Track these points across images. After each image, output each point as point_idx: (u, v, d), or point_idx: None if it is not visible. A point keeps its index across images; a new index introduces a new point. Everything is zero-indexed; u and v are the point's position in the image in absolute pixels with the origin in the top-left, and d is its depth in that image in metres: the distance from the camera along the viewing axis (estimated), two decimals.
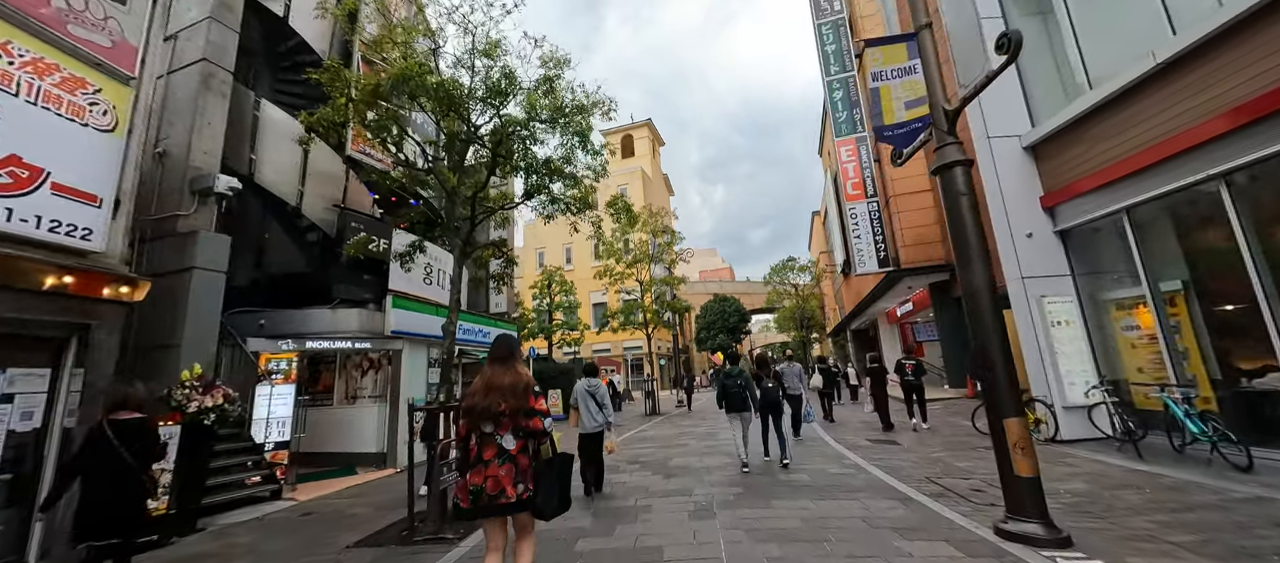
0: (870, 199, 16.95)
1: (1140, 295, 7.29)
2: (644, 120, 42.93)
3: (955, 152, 4.53)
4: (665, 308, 18.31)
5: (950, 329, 15.64)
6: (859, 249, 16.79)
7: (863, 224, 16.89)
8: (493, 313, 13.68)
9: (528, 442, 2.75)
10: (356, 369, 9.54)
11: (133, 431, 3.23)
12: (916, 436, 9.26)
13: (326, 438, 9.34)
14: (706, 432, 11.32)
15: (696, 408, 19.07)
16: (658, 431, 12.30)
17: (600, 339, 36.19)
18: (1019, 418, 4.09)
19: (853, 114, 17.71)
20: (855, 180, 17.31)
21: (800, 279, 28.91)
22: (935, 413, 11.91)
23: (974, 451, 7.55)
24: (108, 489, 3.08)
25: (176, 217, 6.12)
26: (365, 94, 6.05)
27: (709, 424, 12.70)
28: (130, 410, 3.30)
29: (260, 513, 5.93)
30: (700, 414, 16.34)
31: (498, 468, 2.64)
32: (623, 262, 18.50)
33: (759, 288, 53.58)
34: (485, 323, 12.29)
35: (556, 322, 19.94)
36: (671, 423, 13.86)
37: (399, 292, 9.25)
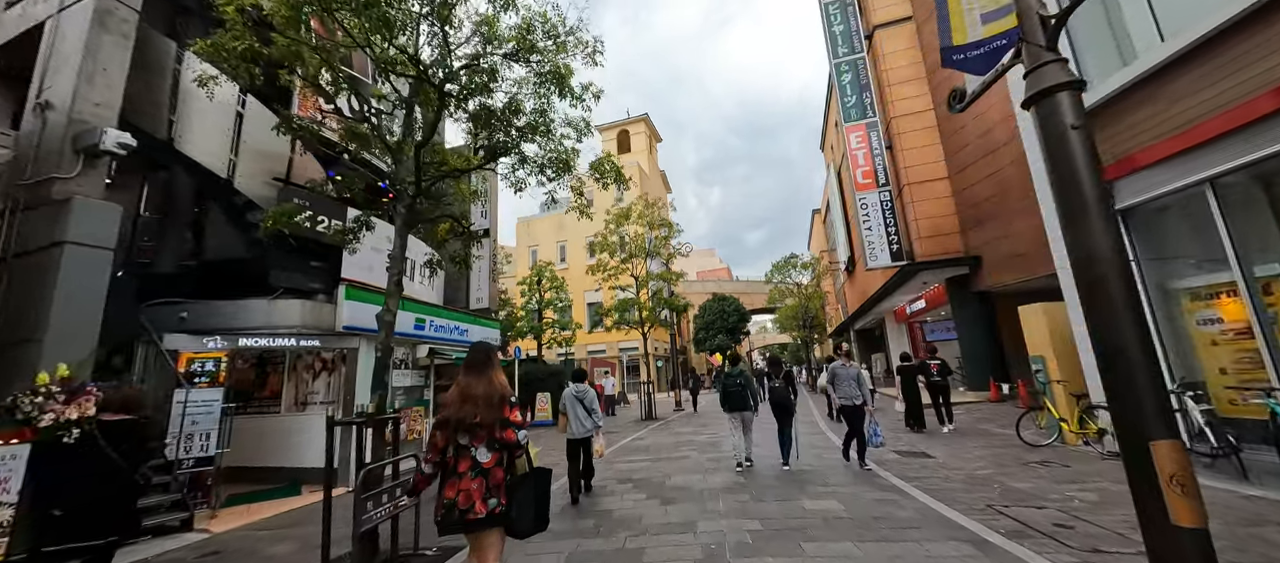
0: (882, 188, 15.82)
1: (1225, 283, 6.14)
2: (640, 115, 41.83)
3: (1058, 72, 3.33)
4: (662, 305, 17.11)
5: (970, 327, 14.51)
6: (870, 242, 15.65)
7: (874, 215, 15.75)
8: (474, 309, 12.45)
9: (503, 454, 2.66)
10: (308, 371, 8.31)
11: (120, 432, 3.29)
12: (949, 447, 8.09)
13: (271, 451, 8.10)
14: (709, 439, 10.11)
15: (701, 409, 17.97)
16: (655, 438, 11.10)
17: (595, 340, 35.00)
18: (1172, 442, 2.87)
19: (862, 98, 16.61)
20: (865, 168, 16.19)
21: (802, 277, 27.77)
22: (959, 419, 10.74)
23: (1026, 467, 6.39)
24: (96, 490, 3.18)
25: (53, 181, 4.89)
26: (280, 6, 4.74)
27: (713, 430, 11.49)
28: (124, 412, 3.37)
29: (150, 552, 4.70)
30: (704, 417, 15.24)
31: (470, 482, 2.57)
32: (617, 256, 17.31)
33: (758, 287, 52.46)
34: (464, 319, 11.07)
35: (547, 320, 18.69)
36: (669, 430, 12.64)
37: (354, 281, 8.03)
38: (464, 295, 12.68)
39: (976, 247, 14.00)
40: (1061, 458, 6.76)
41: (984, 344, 14.17)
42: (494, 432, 2.61)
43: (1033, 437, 7.62)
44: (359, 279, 8.19)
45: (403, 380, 9.06)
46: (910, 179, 15.27)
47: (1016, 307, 15.30)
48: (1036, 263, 11.92)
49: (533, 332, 17.97)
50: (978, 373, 14.09)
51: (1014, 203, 12.65)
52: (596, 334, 34.95)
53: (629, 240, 17.12)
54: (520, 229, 40.43)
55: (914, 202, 15.09)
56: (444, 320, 10.08)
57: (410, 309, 9.03)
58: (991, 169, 13.34)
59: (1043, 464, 6.47)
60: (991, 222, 13.47)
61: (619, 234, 17.08)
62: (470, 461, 2.59)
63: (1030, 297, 14.80)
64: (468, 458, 2.60)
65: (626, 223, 17.34)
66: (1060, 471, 6.14)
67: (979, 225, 13.90)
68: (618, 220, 16.91)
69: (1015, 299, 14.99)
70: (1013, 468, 6.42)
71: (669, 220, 17.73)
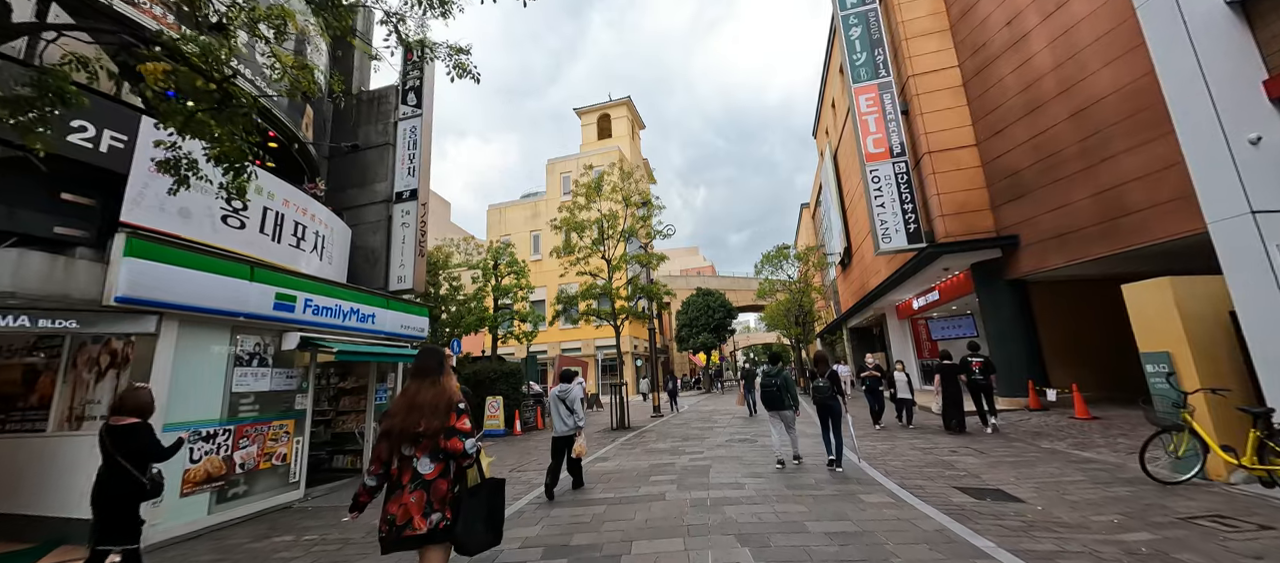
0: (896, 158, 13.49)
1: None
2: (622, 98, 39.24)
3: None
4: (639, 293, 14.49)
5: (1001, 322, 12.24)
6: (882, 221, 13.29)
7: (887, 190, 13.40)
8: (394, 290, 9.69)
9: (449, 465, 2.51)
10: (90, 368, 5.50)
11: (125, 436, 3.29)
12: (1035, 483, 5.65)
13: (27, 490, 5.27)
14: (694, 463, 7.54)
15: (686, 413, 15.33)
16: (621, 459, 8.48)
17: (569, 336, 32.24)
18: None
19: (874, 56, 14.28)
20: (877, 136, 13.84)
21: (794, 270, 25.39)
22: (1008, 433, 8.40)
23: (1187, 527, 3.97)
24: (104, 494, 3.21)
25: None
26: None
27: (698, 448, 8.93)
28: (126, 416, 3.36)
29: None
30: (687, 424, 12.75)
31: (409, 495, 2.41)
32: (586, 235, 14.65)
33: (744, 284, 50.24)
34: (371, 302, 8.31)
35: (503, 311, 15.91)
36: (642, 445, 10.03)
37: (145, 229, 5.24)
38: (382, 272, 9.90)
39: (1012, 225, 11.74)
40: (1229, 507, 4.40)
41: (1019, 342, 11.91)
42: (439, 441, 2.45)
43: (1165, 470, 5.24)
44: (159, 228, 5.39)
45: (255, 384, 6.29)
46: (931, 147, 12.96)
47: (1057, 297, 12.78)
48: (1097, 241, 9.66)
49: (485, 324, 15.18)
50: (1011, 376, 11.83)
51: (1069, 168, 10.39)
52: (570, 331, 32.22)
53: (602, 216, 14.48)
54: (491, 217, 37.49)
55: (935, 173, 12.79)
56: (333, 301, 7.32)
57: (267, 280, 6.28)
58: (1036, 130, 11.07)
59: (1215, 522, 4.08)
60: (1034, 194, 11.21)
61: (592, 207, 14.41)
62: (412, 472, 2.44)
63: (1080, 285, 12.28)
64: (409, 470, 2.44)
65: (598, 198, 14.70)
66: (1246, 532, 3.79)
67: (1016, 199, 11.64)
68: (587, 193, 14.27)
69: (1058, 289, 12.88)
70: (1165, 526, 4.01)
71: (648, 194, 15.10)
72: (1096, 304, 11.92)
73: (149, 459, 3.37)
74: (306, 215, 7.56)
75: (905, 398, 10.41)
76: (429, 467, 2.44)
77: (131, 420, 3.37)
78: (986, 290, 12.59)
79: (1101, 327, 11.72)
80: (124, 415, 3.36)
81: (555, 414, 6.13)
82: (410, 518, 2.36)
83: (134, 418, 3.38)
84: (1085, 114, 10.02)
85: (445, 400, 2.52)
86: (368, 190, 10.42)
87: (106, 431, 3.31)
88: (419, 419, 2.45)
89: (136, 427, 3.37)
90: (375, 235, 10.11)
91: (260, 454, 6.24)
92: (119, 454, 3.24)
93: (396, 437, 2.47)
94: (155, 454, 3.40)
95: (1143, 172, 8.92)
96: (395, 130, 10.54)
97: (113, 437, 3.28)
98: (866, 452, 7.84)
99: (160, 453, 3.41)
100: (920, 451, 7.76)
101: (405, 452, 2.47)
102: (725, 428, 12.06)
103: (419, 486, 2.41)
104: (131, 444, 3.30)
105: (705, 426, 12.98)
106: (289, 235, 7.17)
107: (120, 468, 3.23)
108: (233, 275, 5.87)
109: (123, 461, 3.23)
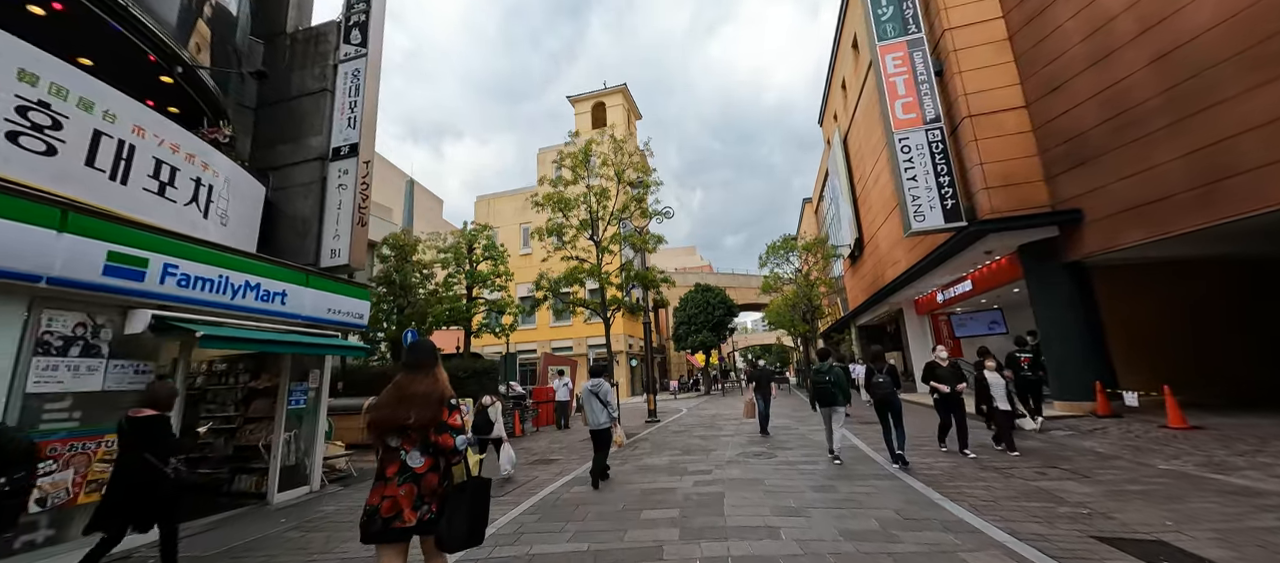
0: (930, 125, 11.68)
1: None
2: (618, 86, 37.48)
3: None
4: (633, 280, 12.61)
5: (1056, 313, 10.43)
6: (913, 198, 11.47)
7: (919, 161, 11.59)
8: (328, 266, 7.78)
9: (438, 460, 2.48)
10: None
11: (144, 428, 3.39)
12: (1238, 550, 3.80)
13: None
14: (707, 490, 5.65)
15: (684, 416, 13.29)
16: (598, 496, 6.58)
17: (560, 334, 30.34)
18: None
19: (902, 9, 12.49)
20: (907, 100, 12.04)
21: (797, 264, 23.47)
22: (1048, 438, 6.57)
23: None
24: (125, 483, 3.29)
25: None
26: None
27: (714, 461, 7.04)
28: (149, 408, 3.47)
29: None
30: (687, 432, 10.59)
31: (397, 487, 2.37)
32: (573, 214, 12.77)
33: (743, 281, 48.42)
34: (285, 277, 6.40)
35: (478, 301, 13.97)
36: (636, 462, 8.13)
37: None
38: (313, 245, 7.99)
39: (1073, 197, 9.94)
40: None
41: (1078, 337, 10.09)
42: (429, 435, 2.43)
43: None
44: None
45: (74, 381, 4.38)
46: (971, 110, 11.16)
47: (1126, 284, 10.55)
48: (1190, 211, 7.91)
49: (454, 316, 13.25)
50: (1070, 376, 10.03)
51: (1151, 124, 8.60)
52: (561, 328, 30.31)
53: (589, 190, 12.59)
54: (479, 208, 35.62)
55: (977, 140, 10.98)
56: (216, 270, 5.41)
57: (92, 232, 4.38)
58: (1106, 82, 9.28)
59: None
60: (1103, 159, 9.42)
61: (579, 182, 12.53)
62: (400, 465, 2.42)
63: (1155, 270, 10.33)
64: (397, 462, 2.42)
65: (585, 172, 12.83)
66: None
67: (1079, 167, 9.84)
68: (573, 162, 12.39)
69: (1126, 274, 10.70)
70: None
71: (644, 166, 13.22)
72: (1176, 291, 10.15)
73: (170, 451, 3.44)
74: (180, 154, 5.64)
75: (1002, 408, 7.14)
76: (419, 461, 2.41)
77: (151, 412, 3.46)
78: (1037, 277, 10.78)
79: (1182, 318, 9.94)
80: (146, 407, 3.46)
81: (589, 409, 6.49)
82: (399, 510, 2.33)
83: (153, 411, 3.47)
84: (1174, 57, 8.24)
85: (438, 394, 2.50)
86: (300, 146, 8.52)
87: (126, 422, 3.42)
88: (409, 411, 2.41)
89: (155, 419, 3.46)
90: (305, 200, 8.20)
91: (80, 483, 4.33)
92: (138, 445, 3.33)
93: (383, 427, 2.42)
94: (172, 445, 3.47)
95: (1262, 119, 7.13)
96: (334, 74, 8.65)
97: (133, 428, 3.38)
98: (925, 474, 5.99)
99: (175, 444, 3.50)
100: (997, 472, 5.91)
101: (391, 443, 2.43)
102: (732, 437, 10.19)
103: (409, 478, 2.38)
104: (149, 434, 3.38)
105: (708, 433, 11.11)
106: (146, 177, 5.24)
107: (141, 459, 3.30)
108: (27, 220, 3.96)
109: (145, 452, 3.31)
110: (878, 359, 7.29)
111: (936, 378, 7.12)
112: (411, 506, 2.33)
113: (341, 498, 6.63)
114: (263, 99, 8.90)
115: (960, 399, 7.04)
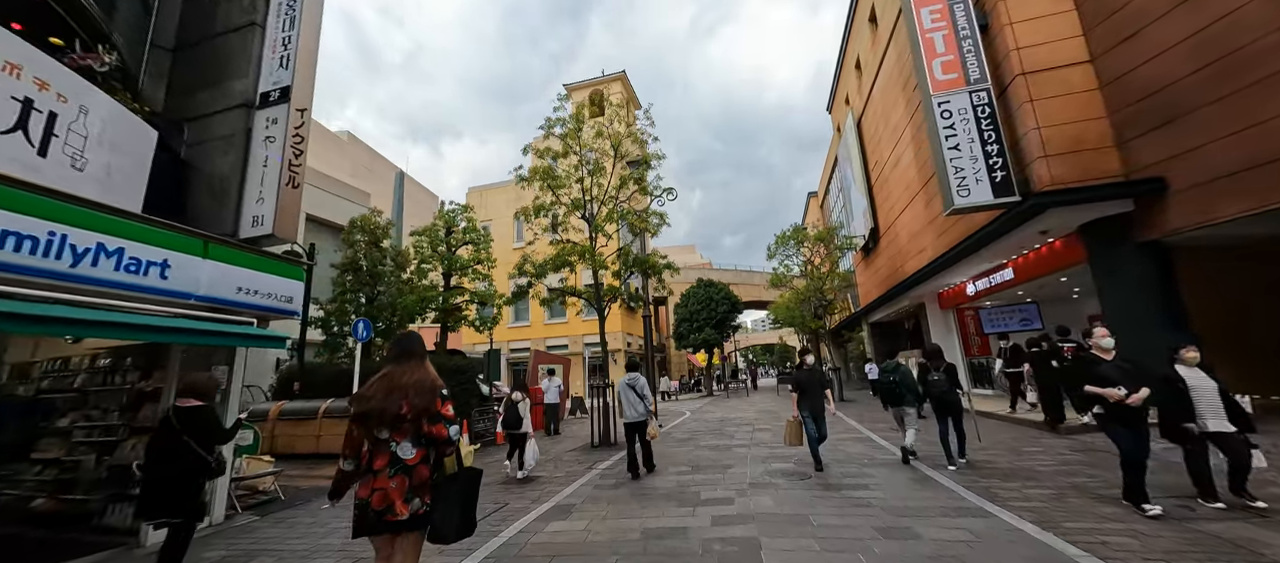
0: (974, 86, 10.12)
1: None
2: (617, 74, 35.85)
3: None
4: (631, 266, 11.02)
5: (1127, 301, 8.87)
6: (957, 169, 9.92)
7: (963, 127, 10.04)
8: (249, 237, 6.18)
9: (430, 451, 2.43)
10: None
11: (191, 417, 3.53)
12: None
13: None
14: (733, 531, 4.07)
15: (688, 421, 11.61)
16: (592, 523, 5.01)
17: (556, 331, 28.77)
18: None
19: None
20: (947, 58, 10.49)
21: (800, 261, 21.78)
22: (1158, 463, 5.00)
23: None
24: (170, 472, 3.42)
25: None
26: None
27: (735, 483, 5.47)
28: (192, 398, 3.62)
29: None
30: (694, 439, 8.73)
31: (388, 480, 2.31)
32: (562, 190, 11.21)
33: (746, 278, 46.84)
34: (167, 243, 4.82)
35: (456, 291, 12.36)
36: (634, 484, 6.55)
37: None
38: (232, 210, 6.39)
39: (1153, 164, 8.40)
40: None
41: (1155, 329, 8.52)
42: (421, 426, 2.38)
43: None
44: None
45: None
46: (1026, 67, 9.60)
47: (1217, 268, 8.96)
48: None
49: (430, 307, 11.64)
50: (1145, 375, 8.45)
51: (1260, 69, 7.05)
52: (557, 325, 28.73)
53: (582, 163, 11.02)
54: (471, 199, 33.98)
55: (1033, 102, 9.42)
56: (53, 227, 3.83)
57: None
58: (1201, 22, 7.74)
59: None
60: (1195, 116, 7.88)
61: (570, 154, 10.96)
62: (390, 456, 2.35)
63: (1259, 249, 8.43)
64: (387, 454, 2.35)
65: (577, 142, 11.26)
66: None
67: (1162, 127, 8.30)
68: (562, 128, 10.81)
69: (1218, 257, 8.83)
70: None
71: (639, 136, 11.63)
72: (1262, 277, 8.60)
73: (214, 440, 3.61)
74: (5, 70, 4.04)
75: (1219, 430, 4.24)
76: (411, 452, 2.37)
77: (196, 402, 3.63)
78: (1104, 260, 9.23)
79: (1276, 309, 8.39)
80: (189, 397, 3.63)
81: (625, 402, 6.73)
82: (390, 503, 2.28)
83: (198, 400, 3.64)
84: None
85: (430, 383, 2.46)
86: (221, 92, 6.93)
87: (173, 411, 3.57)
88: (402, 401, 2.37)
89: (202, 409, 3.63)
90: (226, 156, 6.61)
91: None
92: (186, 434, 3.48)
93: (373, 419, 2.37)
94: (219, 435, 3.65)
95: None
96: (266, 4, 7.06)
97: (179, 417, 3.53)
98: (1014, 502, 4.42)
99: (223, 434, 3.67)
100: (1127, 511, 4.32)
101: (380, 435, 2.37)
102: (747, 448, 8.63)
103: (400, 470, 2.34)
104: (197, 424, 3.54)
105: (720, 442, 9.54)
106: None
107: (186, 447, 3.46)
108: None
109: (190, 441, 3.47)
110: (934, 357, 6.86)
111: (1094, 379, 4.40)
112: (403, 498, 2.28)
113: (254, 534, 5.06)
114: (182, 39, 7.32)
115: (1141, 414, 4.34)
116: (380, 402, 2.36)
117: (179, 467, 3.41)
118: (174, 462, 3.41)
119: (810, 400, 6.44)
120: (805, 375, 6.66)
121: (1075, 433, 8.10)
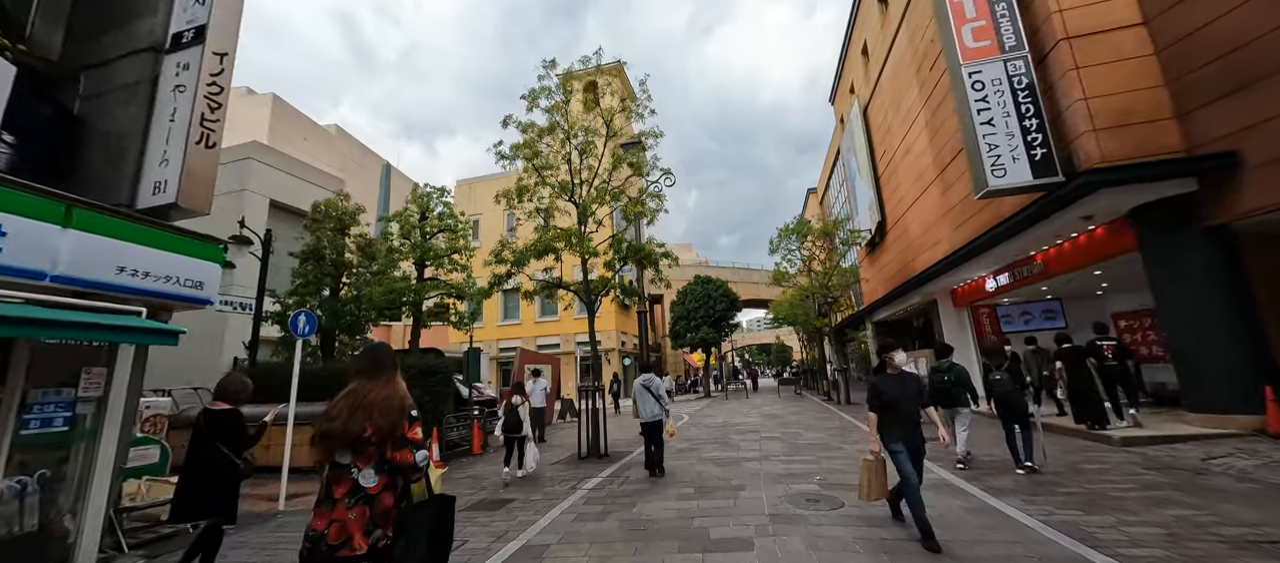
0: (1010, 54, 9.06)
1: None
2: (612, 64, 34.59)
3: None
4: (626, 256, 9.89)
5: (1188, 293, 7.82)
6: (991, 145, 8.85)
7: (998, 101, 8.96)
8: (147, 207, 4.98)
9: (395, 479, 2.12)
10: None
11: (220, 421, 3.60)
12: None
13: None
14: None
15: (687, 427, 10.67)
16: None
17: (547, 330, 27.56)
18: None
19: None
20: (979, 24, 9.42)
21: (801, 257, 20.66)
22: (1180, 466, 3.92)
23: None
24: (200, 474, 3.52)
25: None
26: None
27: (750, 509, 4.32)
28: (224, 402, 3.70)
29: None
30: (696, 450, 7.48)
31: (347, 511, 2.00)
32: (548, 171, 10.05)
33: (745, 276, 45.81)
34: (28, 209, 3.62)
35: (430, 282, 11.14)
36: (625, 512, 5.41)
37: None
38: (130, 173, 5.17)
39: (1221, 137, 7.34)
40: None
41: (1223, 327, 7.49)
42: (385, 450, 2.09)
43: None
44: None
45: None
46: (1069, 31, 8.54)
47: None
48: None
49: (399, 302, 10.41)
50: (1215, 378, 7.43)
51: None
52: (547, 324, 27.51)
53: (569, 140, 9.85)
54: (460, 193, 32.76)
55: (1079, 70, 8.35)
56: None
57: None
58: None
59: None
60: (1272, 80, 6.81)
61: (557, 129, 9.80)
62: (350, 485, 2.05)
63: None
64: (347, 481, 2.05)
65: (564, 117, 10.09)
66: None
67: (1234, 94, 7.25)
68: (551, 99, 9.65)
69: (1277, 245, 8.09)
70: None
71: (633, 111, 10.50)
72: None
73: (243, 444, 3.65)
74: None
75: None
76: (373, 480, 2.07)
77: (225, 406, 3.67)
78: (1160, 249, 8.17)
79: None
80: (220, 401, 3.70)
81: (640, 402, 7.01)
82: (348, 536, 1.98)
83: (227, 404, 3.69)
84: None
85: (398, 402, 2.17)
86: (124, 34, 5.72)
87: (204, 415, 3.63)
88: (366, 421, 2.08)
89: (230, 412, 3.66)
90: (127, 109, 5.40)
91: None
92: (215, 438, 3.55)
93: (334, 440, 2.09)
94: (247, 440, 3.69)
95: None
96: None
97: (209, 421, 3.59)
98: (1121, 549, 3.30)
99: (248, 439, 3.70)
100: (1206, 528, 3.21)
101: (341, 460, 2.09)
102: (758, 461, 7.50)
103: (361, 500, 2.04)
104: (225, 427, 3.60)
105: (726, 454, 8.40)
106: None
107: (216, 450, 3.53)
108: None
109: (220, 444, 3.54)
110: (995, 353, 6.51)
111: None
112: (362, 531, 2.00)
113: None
114: None
115: None
116: (344, 421, 2.10)
117: (209, 469, 3.50)
118: (205, 464, 3.50)
119: (903, 427, 3.96)
120: (895, 385, 4.06)
121: (1138, 444, 7.01)
